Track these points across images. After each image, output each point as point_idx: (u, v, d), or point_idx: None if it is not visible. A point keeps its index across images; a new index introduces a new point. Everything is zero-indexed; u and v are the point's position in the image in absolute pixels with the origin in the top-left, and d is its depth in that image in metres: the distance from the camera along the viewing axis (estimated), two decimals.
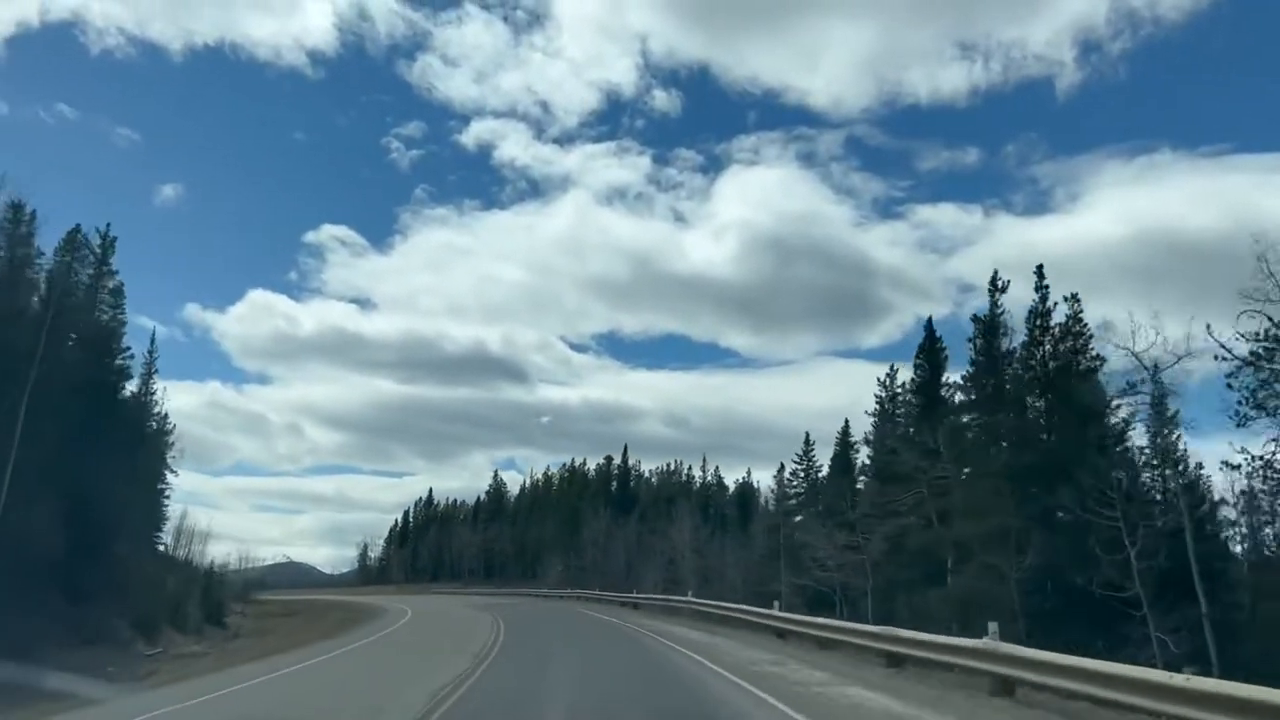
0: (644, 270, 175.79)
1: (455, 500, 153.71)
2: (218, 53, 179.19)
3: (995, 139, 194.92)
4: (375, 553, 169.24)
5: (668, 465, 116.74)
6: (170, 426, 57.17)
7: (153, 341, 59.97)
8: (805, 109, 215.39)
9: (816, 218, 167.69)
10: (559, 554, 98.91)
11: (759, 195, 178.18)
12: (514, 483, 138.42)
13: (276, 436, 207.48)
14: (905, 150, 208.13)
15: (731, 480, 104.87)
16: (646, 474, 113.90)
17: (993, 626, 13.94)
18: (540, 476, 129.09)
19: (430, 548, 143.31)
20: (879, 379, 49.64)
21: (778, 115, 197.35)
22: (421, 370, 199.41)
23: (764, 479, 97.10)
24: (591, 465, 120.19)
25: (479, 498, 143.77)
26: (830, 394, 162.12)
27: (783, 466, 63.09)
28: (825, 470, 58.03)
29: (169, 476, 56.11)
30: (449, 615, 46.74)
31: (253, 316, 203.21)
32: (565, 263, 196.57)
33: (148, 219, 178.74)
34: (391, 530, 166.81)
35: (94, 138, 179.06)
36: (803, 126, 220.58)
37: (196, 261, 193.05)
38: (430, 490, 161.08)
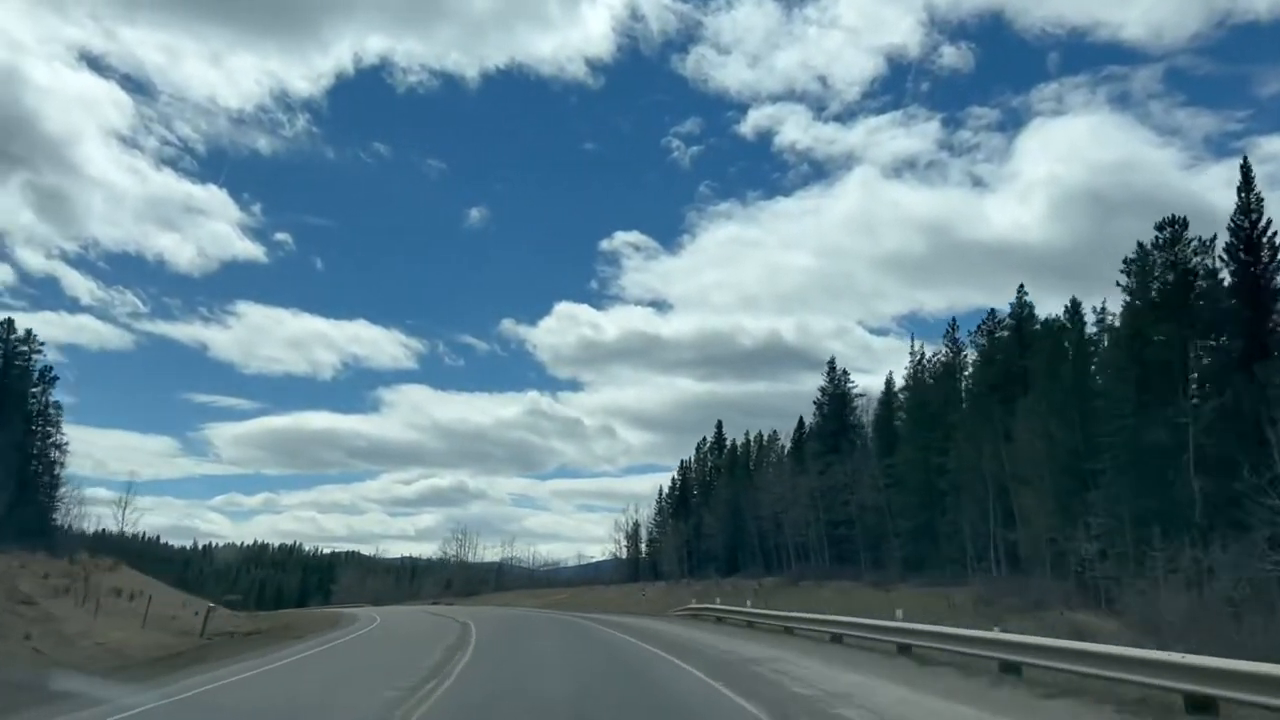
0: (942, 242, 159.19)
1: (761, 434, 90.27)
2: (508, 75, 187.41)
3: None
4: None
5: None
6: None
7: None
8: (1117, 45, 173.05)
9: (1137, 164, 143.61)
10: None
11: (1067, 147, 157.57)
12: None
13: (592, 439, 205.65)
14: (1241, 76, 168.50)
15: None
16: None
17: None
18: (945, 349, 60.33)
19: (720, 516, 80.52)
20: None
21: (1083, 56, 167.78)
22: (720, 366, 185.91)
23: None
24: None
25: (801, 421, 78.74)
26: None
27: None
28: None
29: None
30: None
31: (560, 328, 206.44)
32: (856, 243, 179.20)
33: (460, 242, 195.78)
34: (662, 498, 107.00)
35: (407, 170, 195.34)
36: (1112, 65, 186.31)
37: (506, 278, 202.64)
38: (719, 427, 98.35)
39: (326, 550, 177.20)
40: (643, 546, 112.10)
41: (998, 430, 44.33)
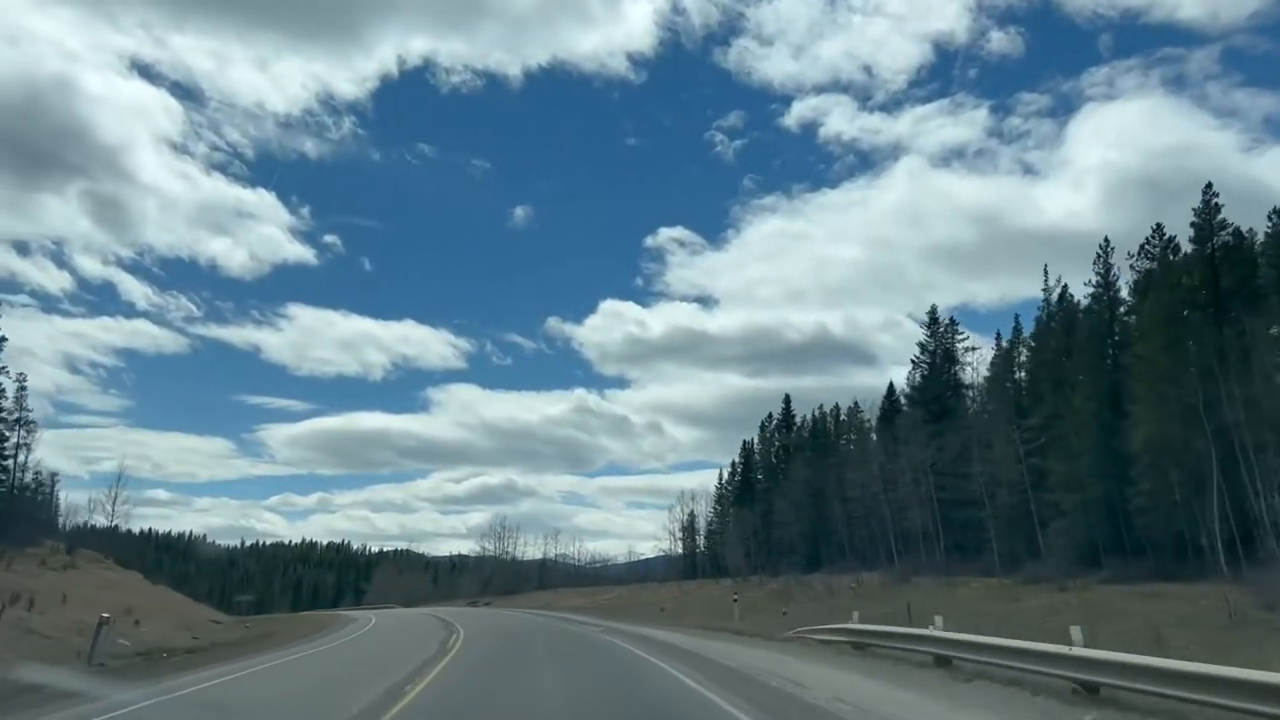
0: (993, 231, 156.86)
1: (839, 406, 77.72)
2: (550, 73, 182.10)
3: None
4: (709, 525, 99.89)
5: None
6: None
7: None
8: (1171, 26, 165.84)
9: (1194, 148, 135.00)
10: None
11: (1120, 133, 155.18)
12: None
13: (640, 436, 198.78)
14: None
15: None
16: None
17: None
18: (1095, 277, 46.76)
19: (795, 501, 68.05)
20: None
21: (1136, 38, 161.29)
22: (767, 361, 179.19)
23: None
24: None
25: (890, 387, 65.97)
26: None
27: None
28: None
29: None
30: None
31: (606, 325, 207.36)
32: (904, 234, 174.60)
33: (506, 241, 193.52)
34: (722, 484, 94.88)
35: (452, 171, 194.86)
36: (1166, 47, 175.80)
37: (552, 277, 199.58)
38: (787, 402, 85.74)
39: (375, 549, 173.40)
40: (700, 540, 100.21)
41: (1207, 367, 31.43)
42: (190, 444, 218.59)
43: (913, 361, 60.30)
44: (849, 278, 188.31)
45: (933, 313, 60.06)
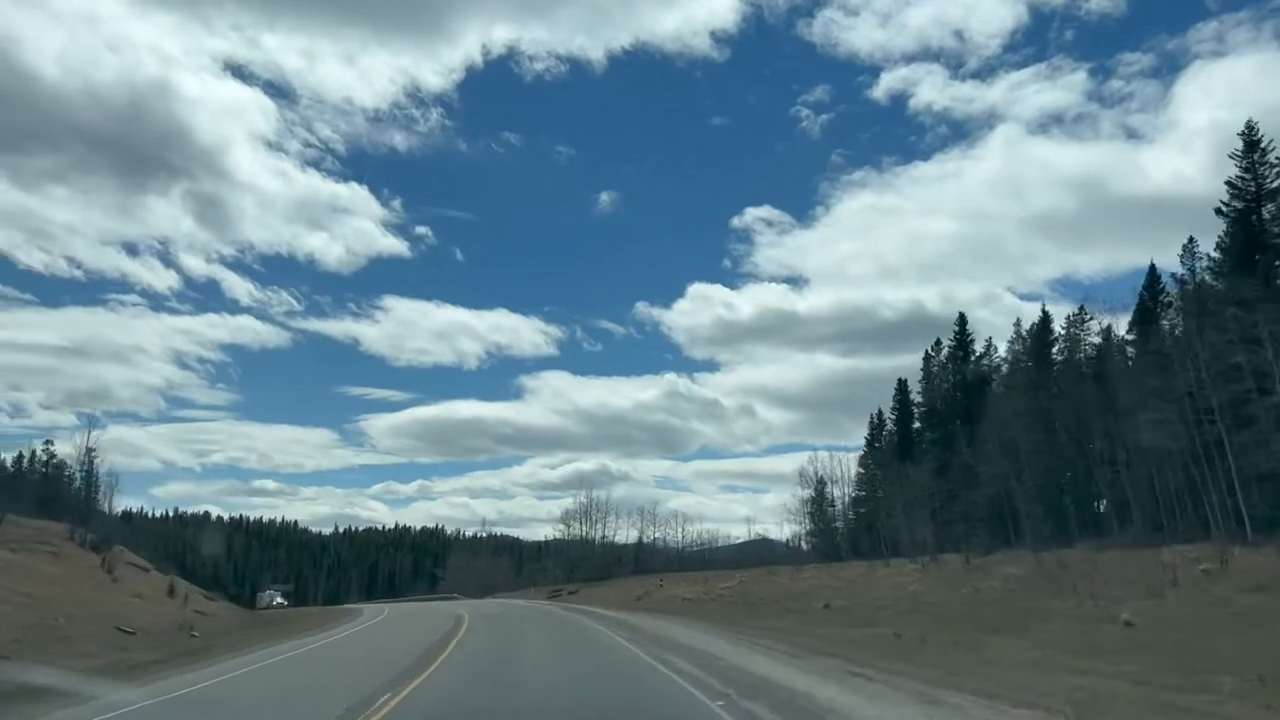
0: (1096, 199, 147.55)
1: (1046, 314, 56.18)
2: (633, 55, 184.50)
3: None
4: (844, 492, 79.30)
5: None
6: None
7: None
8: None
9: None
10: None
11: (1231, 91, 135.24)
12: None
13: (732, 420, 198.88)
14: None
15: None
16: None
17: None
18: None
19: (1006, 445, 46.42)
20: None
21: None
22: (861, 340, 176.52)
23: None
24: None
25: (1152, 270, 43.87)
26: None
27: None
28: None
29: None
30: None
31: (694, 309, 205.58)
32: (1001, 205, 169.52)
33: (593, 227, 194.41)
34: (874, 432, 74.07)
35: (538, 158, 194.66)
36: None
37: (639, 261, 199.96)
38: (962, 322, 64.46)
39: (469, 533, 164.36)
40: (837, 511, 79.14)
41: None
42: (295, 435, 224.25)
43: (1218, 210, 38.16)
44: (944, 252, 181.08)
45: (1250, 133, 37.75)
